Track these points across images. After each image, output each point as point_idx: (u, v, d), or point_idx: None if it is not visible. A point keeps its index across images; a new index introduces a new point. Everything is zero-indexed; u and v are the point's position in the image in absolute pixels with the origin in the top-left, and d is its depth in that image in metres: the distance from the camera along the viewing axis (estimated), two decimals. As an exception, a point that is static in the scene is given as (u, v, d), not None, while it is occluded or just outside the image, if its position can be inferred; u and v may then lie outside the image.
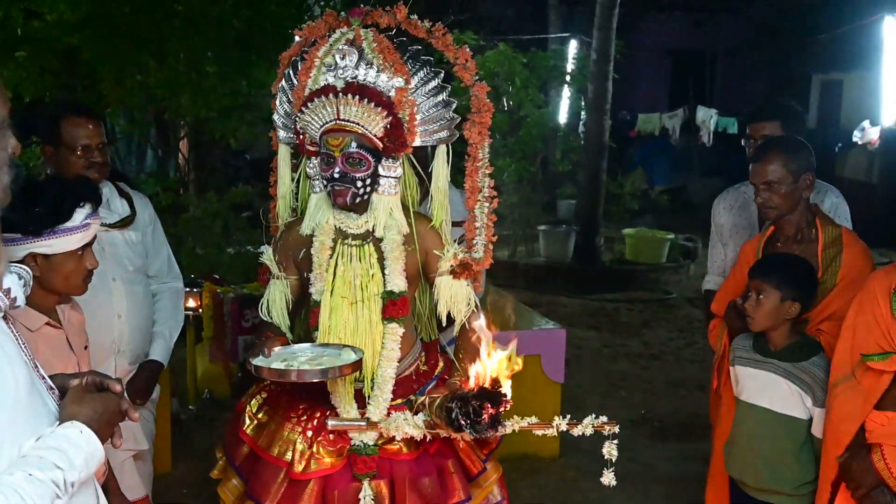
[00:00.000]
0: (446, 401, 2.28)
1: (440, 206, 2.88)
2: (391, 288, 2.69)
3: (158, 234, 3.65)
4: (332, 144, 2.61)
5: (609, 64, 10.16)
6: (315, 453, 2.65)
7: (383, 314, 2.70)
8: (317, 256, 2.70)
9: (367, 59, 2.64)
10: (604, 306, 9.40)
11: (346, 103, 2.58)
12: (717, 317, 3.45)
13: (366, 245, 2.72)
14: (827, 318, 3.11)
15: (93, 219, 2.52)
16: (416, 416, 2.50)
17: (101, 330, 3.25)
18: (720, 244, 3.99)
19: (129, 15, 5.76)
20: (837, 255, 3.16)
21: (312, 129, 2.66)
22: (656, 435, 5.63)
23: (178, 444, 5.11)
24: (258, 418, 2.80)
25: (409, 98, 2.68)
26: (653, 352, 7.75)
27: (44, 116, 3.42)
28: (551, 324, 5.54)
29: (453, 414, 2.22)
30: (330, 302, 2.68)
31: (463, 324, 2.75)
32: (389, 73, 2.65)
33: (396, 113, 2.65)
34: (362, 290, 2.69)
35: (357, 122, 2.61)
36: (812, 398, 2.99)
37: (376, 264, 2.71)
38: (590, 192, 10.71)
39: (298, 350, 2.57)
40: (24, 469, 1.48)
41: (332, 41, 2.69)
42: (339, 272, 2.69)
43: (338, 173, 2.60)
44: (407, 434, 2.51)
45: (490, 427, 2.21)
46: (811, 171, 3.21)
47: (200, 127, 7.19)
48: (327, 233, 2.72)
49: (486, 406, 2.18)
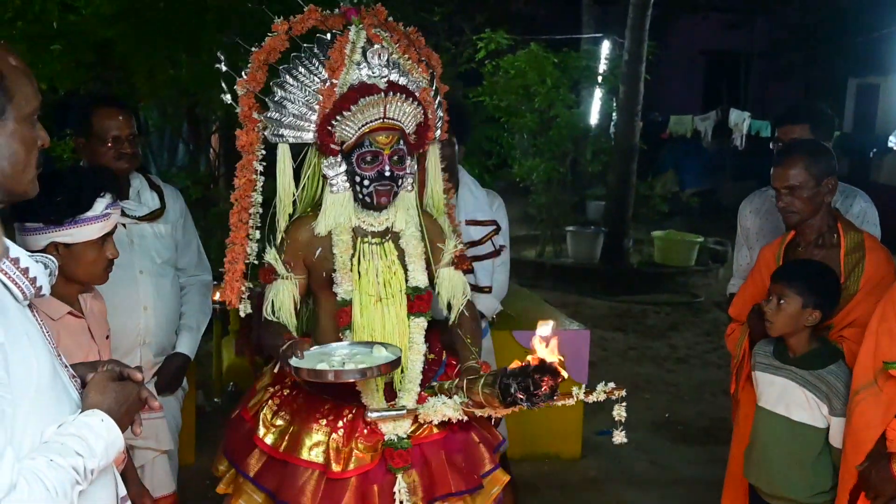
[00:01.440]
0: (498, 378, 2.39)
1: (440, 199, 2.96)
2: (416, 284, 2.74)
3: (189, 227, 3.68)
4: (382, 142, 2.64)
5: (641, 65, 10.12)
6: (353, 450, 2.64)
7: (409, 310, 2.74)
8: (342, 256, 2.69)
9: (392, 59, 2.69)
10: (631, 308, 9.37)
11: (391, 102, 2.62)
12: (736, 321, 3.43)
13: (386, 242, 2.75)
14: (849, 324, 3.08)
15: (113, 208, 2.55)
16: (452, 399, 2.59)
17: (126, 321, 3.29)
18: (746, 248, 3.96)
19: (163, 9, 5.80)
20: (860, 261, 3.12)
21: (350, 128, 2.64)
22: (679, 438, 5.60)
23: (202, 436, 5.16)
24: (275, 425, 2.75)
25: (430, 97, 2.78)
26: (679, 355, 7.71)
27: (76, 108, 3.46)
28: (576, 325, 5.53)
29: (512, 388, 2.33)
30: (360, 300, 2.69)
31: (461, 311, 2.86)
32: (417, 73, 2.73)
33: (426, 111, 2.75)
34: (386, 286, 2.72)
35: (400, 120, 2.67)
36: (829, 407, 2.96)
37: (397, 261, 2.75)
38: (619, 194, 10.68)
39: (331, 350, 2.56)
40: (45, 455, 1.51)
41: (354, 39, 2.67)
42: (362, 270, 2.70)
43: (388, 172, 2.64)
44: (446, 417, 2.60)
45: (549, 398, 2.34)
46: (833, 175, 3.17)
47: (231, 122, 7.23)
48: (347, 231, 2.71)
49: (546, 378, 2.31)
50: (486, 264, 3.83)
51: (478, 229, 3.83)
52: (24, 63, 1.63)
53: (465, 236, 3.76)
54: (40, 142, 1.66)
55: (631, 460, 5.27)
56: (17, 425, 1.50)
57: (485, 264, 3.83)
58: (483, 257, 3.83)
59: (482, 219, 3.86)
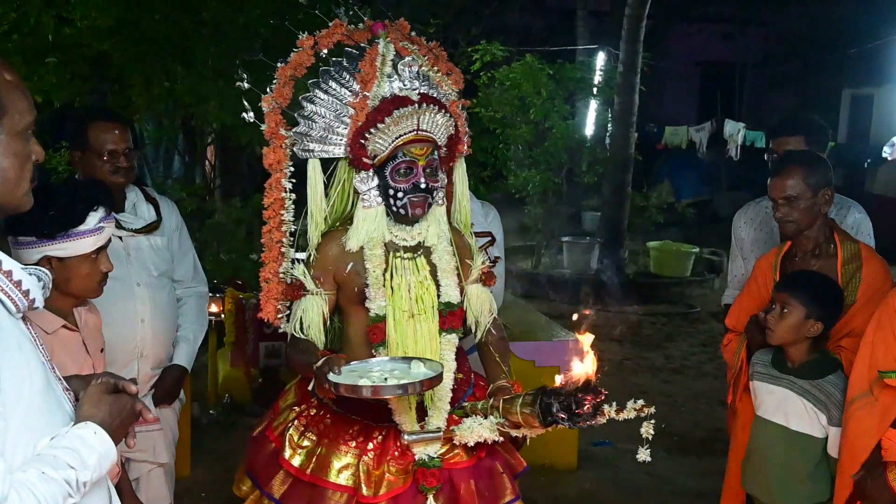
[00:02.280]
0: (538, 397, 2.37)
1: (467, 214, 2.94)
2: (448, 299, 2.71)
3: (185, 239, 3.68)
4: (417, 154, 2.62)
5: (636, 76, 10.16)
6: (385, 473, 2.60)
7: (441, 326, 2.70)
8: (374, 271, 2.64)
9: (422, 71, 2.70)
10: (627, 319, 9.37)
11: (424, 114, 2.60)
12: (733, 331, 3.43)
13: (418, 257, 2.72)
14: (847, 334, 3.08)
15: (106, 222, 2.54)
16: (488, 420, 2.56)
17: (123, 334, 3.29)
18: (741, 258, 3.97)
19: (158, 22, 5.82)
20: (857, 271, 3.13)
21: (384, 141, 2.61)
22: (675, 449, 5.59)
23: (198, 448, 5.15)
24: (302, 446, 2.69)
25: (459, 110, 2.77)
26: (675, 366, 7.71)
27: (72, 121, 3.46)
28: (572, 336, 5.52)
29: (554, 408, 2.31)
30: (393, 316, 2.66)
31: (488, 328, 2.83)
32: (446, 85, 2.74)
33: (456, 122, 2.74)
34: (418, 302, 2.69)
35: (433, 132, 2.66)
36: (827, 417, 2.96)
37: (429, 276, 2.71)
38: (615, 205, 10.69)
39: (370, 365, 2.51)
40: (37, 467, 1.51)
41: (383, 52, 2.67)
42: (394, 286, 2.67)
43: (423, 183, 2.62)
44: (482, 438, 2.56)
45: (591, 417, 2.32)
46: (830, 187, 3.19)
47: (227, 134, 7.25)
48: (380, 246, 2.67)
49: (589, 398, 2.29)
50: None
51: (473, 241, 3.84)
52: (19, 77, 1.63)
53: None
54: (34, 156, 1.65)
55: (627, 471, 5.27)
56: (9, 438, 1.50)
57: None
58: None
59: (477, 230, 3.87)
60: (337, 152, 2.69)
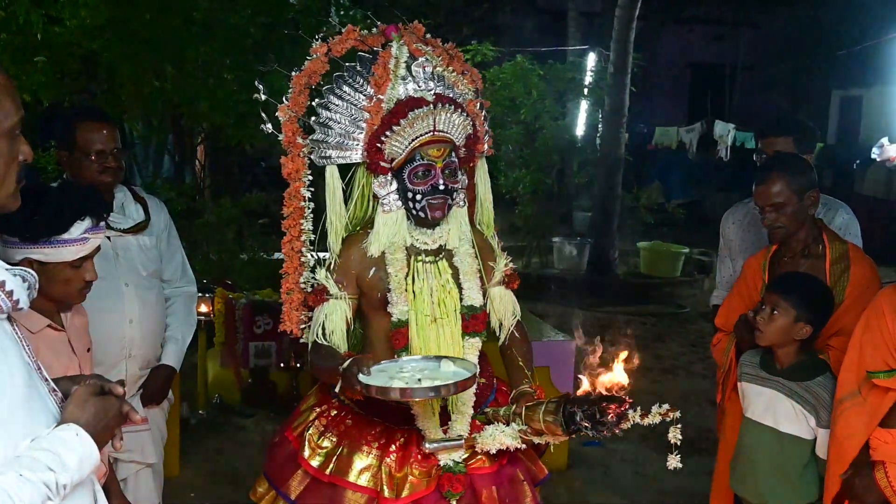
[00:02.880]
0: (562, 406, 2.35)
1: (490, 215, 2.91)
2: (471, 303, 2.68)
3: (173, 239, 3.67)
4: (434, 155, 2.59)
5: (626, 77, 10.18)
6: (408, 475, 2.57)
7: (464, 329, 2.67)
8: (397, 276, 2.61)
9: (437, 72, 2.66)
10: (616, 319, 9.38)
11: (440, 114, 2.57)
12: (722, 331, 3.44)
13: (440, 261, 2.68)
14: (835, 333, 3.09)
15: (93, 233, 2.47)
16: (510, 427, 2.53)
17: (112, 334, 3.28)
18: (729, 259, 3.97)
19: (149, 21, 5.80)
20: (846, 271, 3.14)
21: (400, 143, 2.58)
22: (665, 449, 5.56)
23: (187, 448, 5.14)
24: (322, 447, 2.66)
25: (477, 109, 2.73)
26: (664, 366, 7.72)
27: (60, 121, 3.44)
28: (561, 335, 5.53)
29: (577, 416, 2.29)
30: (416, 321, 2.62)
31: (511, 331, 2.80)
32: (462, 84, 2.70)
33: (474, 122, 2.71)
34: (440, 306, 2.66)
35: (450, 132, 2.62)
36: (816, 418, 2.97)
37: (451, 279, 2.68)
38: (605, 205, 10.71)
39: (399, 365, 2.47)
40: (16, 469, 1.50)
41: (396, 54, 2.64)
42: (416, 290, 2.63)
43: (442, 185, 2.58)
44: (504, 445, 2.53)
45: (615, 425, 2.29)
46: (815, 188, 3.19)
47: (217, 133, 7.25)
48: (401, 250, 2.64)
49: (612, 406, 2.28)
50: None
51: None
52: (6, 77, 1.61)
53: None
54: (22, 157, 1.63)
55: (617, 472, 5.28)
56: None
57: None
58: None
59: None
60: (354, 157, 2.65)
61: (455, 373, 2.40)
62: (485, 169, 2.87)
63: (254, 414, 5.84)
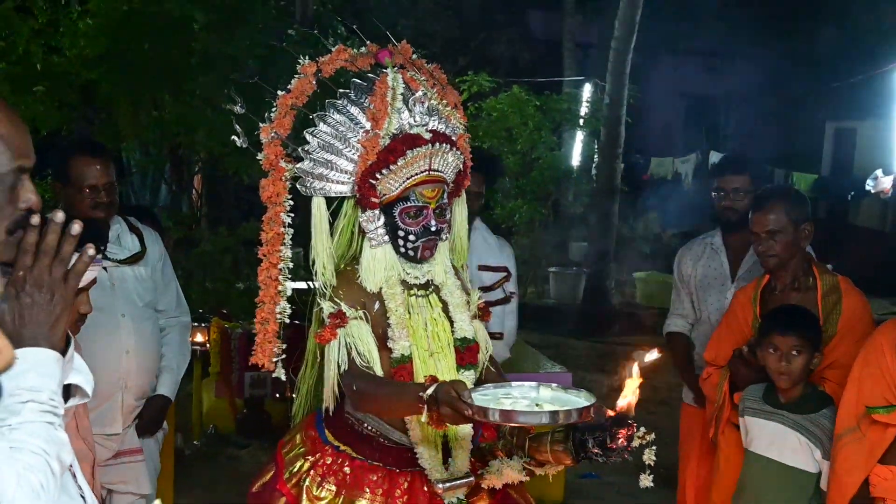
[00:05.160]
0: (570, 434, 2.29)
1: (464, 248, 2.84)
2: (463, 335, 2.61)
3: (168, 269, 3.66)
4: (429, 196, 2.51)
5: (622, 108, 10.24)
6: None
7: (459, 362, 2.60)
8: (397, 310, 2.52)
9: (432, 105, 2.59)
10: (614, 349, 9.35)
11: (436, 153, 2.50)
12: (712, 365, 3.43)
13: (430, 294, 2.62)
14: (829, 365, 3.10)
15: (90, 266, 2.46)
16: (514, 460, 2.47)
17: (108, 366, 3.26)
18: (685, 294, 4.02)
19: (147, 51, 5.85)
20: (837, 303, 3.17)
21: (395, 181, 2.49)
22: (662, 482, 5.53)
23: (181, 479, 5.09)
24: (321, 497, 2.54)
25: (466, 143, 2.67)
26: (661, 397, 7.68)
27: (55, 153, 3.45)
28: (557, 367, 5.51)
29: (589, 443, 2.25)
30: (418, 356, 2.55)
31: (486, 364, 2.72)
32: (455, 119, 2.64)
33: (464, 158, 2.64)
34: (435, 340, 2.59)
35: (444, 171, 2.55)
36: (822, 451, 2.96)
37: (442, 313, 2.62)
38: (601, 235, 10.73)
39: (494, 393, 2.32)
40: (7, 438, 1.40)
41: (393, 84, 2.54)
42: (413, 324, 2.55)
43: (434, 226, 2.52)
44: (511, 479, 2.47)
45: (624, 450, 2.25)
46: (810, 221, 3.25)
47: (214, 162, 7.27)
48: (398, 284, 2.56)
49: (622, 431, 2.23)
50: (496, 310, 3.71)
51: (489, 275, 3.80)
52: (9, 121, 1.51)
53: (477, 281, 3.70)
54: (24, 203, 1.52)
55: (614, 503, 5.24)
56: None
57: (495, 310, 3.72)
58: (494, 303, 3.78)
59: (494, 265, 3.83)
60: (343, 190, 2.55)
61: (554, 398, 2.30)
62: (463, 202, 2.77)
63: (248, 444, 5.81)
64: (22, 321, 1.46)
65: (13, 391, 1.42)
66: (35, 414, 1.41)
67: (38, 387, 1.44)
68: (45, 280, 1.47)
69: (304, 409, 2.75)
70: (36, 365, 1.45)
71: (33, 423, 1.41)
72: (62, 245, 1.48)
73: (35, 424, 1.41)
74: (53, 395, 1.45)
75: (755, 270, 3.61)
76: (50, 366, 1.47)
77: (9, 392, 1.42)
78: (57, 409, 1.45)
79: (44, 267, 1.47)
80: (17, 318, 1.46)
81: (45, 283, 1.47)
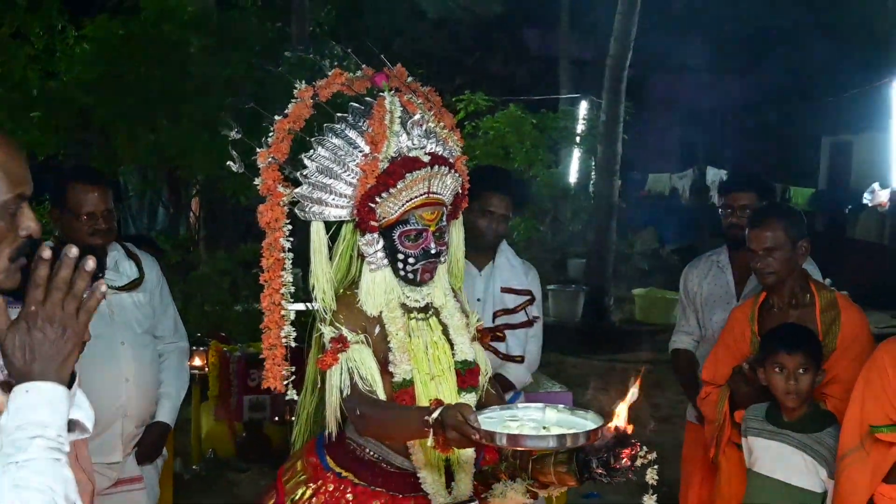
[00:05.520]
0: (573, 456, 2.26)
1: (462, 270, 2.82)
2: (464, 357, 2.59)
3: (165, 294, 3.65)
4: (428, 219, 2.50)
5: (619, 125, 10.25)
6: None
7: (461, 385, 2.58)
8: (398, 334, 2.50)
9: (429, 127, 2.57)
10: (613, 367, 9.33)
11: (435, 176, 2.49)
12: (710, 384, 3.41)
13: (430, 317, 2.60)
14: (829, 381, 3.10)
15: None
16: (517, 482, 2.45)
17: (108, 394, 3.24)
18: (690, 311, 4.02)
19: (143, 75, 5.87)
20: (836, 319, 3.16)
21: (394, 205, 2.48)
22: (665, 501, 5.52)
23: (181, 505, 5.07)
24: None
25: (464, 165, 2.66)
26: (662, 414, 7.65)
27: (54, 179, 3.44)
28: (557, 386, 5.47)
29: (593, 464, 2.22)
30: (420, 380, 2.52)
31: (486, 387, 2.70)
32: (452, 141, 2.63)
33: (462, 180, 2.63)
34: (436, 363, 2.57)
35: (443, 194, 2.54)
36: (827, 470, 2.94)
37: (442, 335, 2.60)
38: (599, 252, 10.73)
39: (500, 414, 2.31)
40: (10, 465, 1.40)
41: (390, 108, 2.51)
42: (414, 348, 2.53)
43: (434, 249, 2.50)
44: (514, 502, 2.45)
45: (628, 470, 2.22)
46: (807, 238, 3.25)
47: (212, 185, 7.26)
48: (398, 307, 2.54)
49: (626, 451, 2.21)
50: (518, 333, 3.66)
51: (512, 297, 3.76)
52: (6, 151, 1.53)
53: (500, 304, 3.68)
54: (25, 231, 1.53)
55: (617, 524, 5.21)
56: None
57: (517, 333, 3.65)
58: (516, 326, 3.76)
59: (517, 287, 3.79)
60: (342, 214, 2.53)
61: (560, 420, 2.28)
62: (460, 223, 2.76)
63: (248, 469, 5.77)
64: (32, 356, 1.46)
65: (22, 424, 1.41)
66: (42, 451, 1.40)
67: (46, 422, 1.43)
68: (58, 315, 1.47)
69: (304, 436, 2.74)
70: (46, 400, 1.45)
71: (40, 461, 1.40)
72: (75, 280, 1.47)
73: (42, 461, 1.40)
74: (61, 432, 1.44)
75: (760, 289, 3.61)
76: (59, 401, 1.46)
77: (17, 424, 1.41)
78: (63, 447, 1.44)
79: (56, 302, 1.47)
80: (27, 352, 1.46)
81: (57, 319, 1.47)
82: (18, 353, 1.46)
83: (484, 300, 3.79)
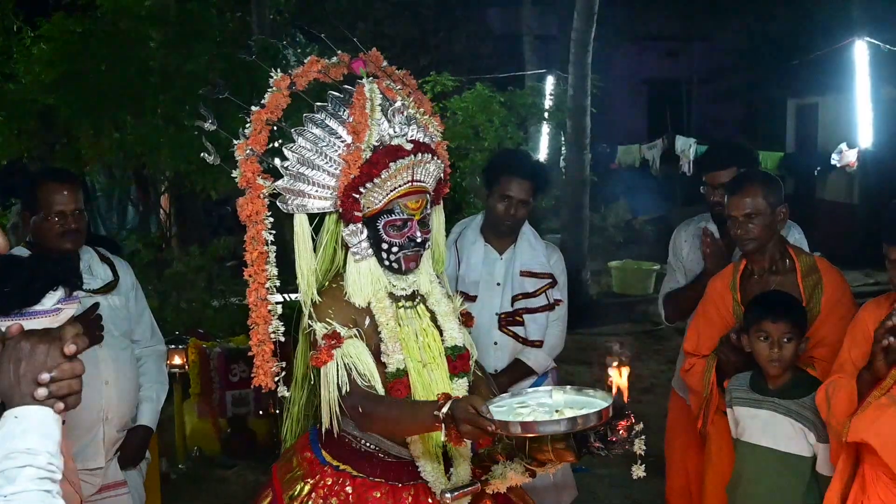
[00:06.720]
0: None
1: (443, 254, 2.82)
2: (454, 343, 2.59)
3: (140, 298, 3.63)
4: (413, 208, 2.48)
5: (586, 99, 10.23)
6: None
7: (452, 371, 2.58)
8: (388, 324, 2.49)
9: (409, 114, 2.54)
10: (594, 340, 9.36)
11: (419, 164, 2.47)
12: (693, 356, 3.41)
13: (417, 305, 2.59)
14: (817, 343, 3.11)
15: (66, 303, 2.40)
16: (516, 462, 2.45)
17: (88, 398, 3.13)
18: (680, 273, 4.03)
19: (104, 72, 5.77)
20: (818, 283, 3.18)
21: (378, 195, 2.46)
22: (653, 471, 5.52)
23: (169, 505, 5.03)
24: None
25: (444, 150, 2.65)
26: (644, 385, 7.70)
27: (23, 180, 3.39)
28: (541, 363, 5.48)
29: (591, 438, 2.23)
30: (413, 368, 2.51)
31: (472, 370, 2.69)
32: (432, 126, 2.61)
33: (445, 166, 2.62)
34: (426, 350, 2.56)
35: (426, 181, 2.52)
36: (815, 434, 2.95)
37: (430, 323, 2.59)
38: (574, 227, 10.73)
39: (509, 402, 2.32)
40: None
41: (370, 95, 2.49)
42: (404, 336, 2.52)
43: (419, 237, 2.50)
44: (515, 482, 2.46)
45: (625, 442, 2.23)
46: (784, 204, 3.26)
47: (181, 181, 7.18)
48: (385, 297, 2.52)
49: (622, 423, 2.22)
50: (538, 317, 3.71)
51: (532, 281, 3.72)
52: None
53: (519, 287, 3.70)
54: None
55: (606, 496, 5.23)
56: None
57: (536, 317, 3.71)
58: (535, 310, 3.72)
59: (538, 271, 3.73)
60: (325, 206, 2.51)
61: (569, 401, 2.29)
62: (440, 210, 2.75)
63: (235, 464, 5.73)
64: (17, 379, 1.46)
65: (10, 453, 1.39)
66: (32, 482, 1.38)
67: (35, 449, 1.41)
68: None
69: (295, 431, 2.72)
70: (34, 425, 1.43)
71: (29, 493, 1.37)
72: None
73: (31, 493, 1.38)
74: (52, 459, 1.42)
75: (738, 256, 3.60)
76: (49, 425, 1.45)
77: (5, 454, 1.39)
78: (55, 475, 1.42)
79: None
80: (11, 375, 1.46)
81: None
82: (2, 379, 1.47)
83: (504, 284, 3.75)
